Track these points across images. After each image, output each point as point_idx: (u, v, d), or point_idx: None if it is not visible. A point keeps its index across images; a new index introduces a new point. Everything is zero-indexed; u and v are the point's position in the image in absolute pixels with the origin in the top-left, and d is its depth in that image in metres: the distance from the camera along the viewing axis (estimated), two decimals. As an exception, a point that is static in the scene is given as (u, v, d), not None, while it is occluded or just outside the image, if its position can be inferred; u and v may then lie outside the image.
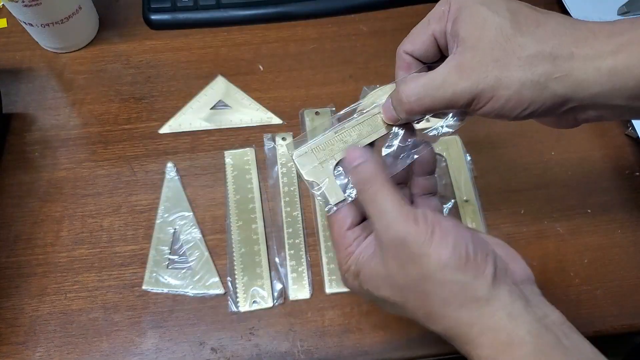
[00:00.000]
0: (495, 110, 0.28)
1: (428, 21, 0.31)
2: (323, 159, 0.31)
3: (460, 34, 0.28)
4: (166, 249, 0.44)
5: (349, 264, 0.29)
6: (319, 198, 0.31)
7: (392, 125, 0.32)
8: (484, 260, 0.25)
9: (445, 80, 0.28)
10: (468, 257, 0.25)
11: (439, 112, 0.30)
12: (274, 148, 0.49)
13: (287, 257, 0.43)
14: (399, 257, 0.26)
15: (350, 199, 0.30)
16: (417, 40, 0.31)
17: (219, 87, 0.52)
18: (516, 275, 0.26)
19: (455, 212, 0.46)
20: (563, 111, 0.28)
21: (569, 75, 0.26)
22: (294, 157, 0.31)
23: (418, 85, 0.29)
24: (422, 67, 0.32)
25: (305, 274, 0.43)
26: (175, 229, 0.45)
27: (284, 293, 0.42)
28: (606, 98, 0.26)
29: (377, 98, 0.33)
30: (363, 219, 0.30)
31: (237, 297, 0.42)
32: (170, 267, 0.43)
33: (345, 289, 0.41)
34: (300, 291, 0.42)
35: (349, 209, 0.30)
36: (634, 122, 0.48)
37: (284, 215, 0.45)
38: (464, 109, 0.29)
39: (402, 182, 0.34)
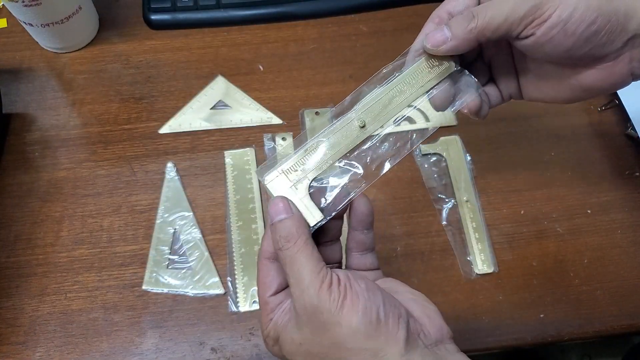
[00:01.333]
0: (562, 22, 0.26)
1: None
2: (296, 180, 0.29)
3: None
4: (166, 249, 0.44)
5: (269, 329, 0.28)
6: None
7: (366, 139, 0.30)
8: (396, 324, 0.25)
9: None
10: (379, 322, 0.24)
11: (498, 38, 0.28)
12: (274, 148, 0.49)
13: (287, 257, 0.43)
14: (313, 324, 0.25)
15: (328, 218, 0.29)
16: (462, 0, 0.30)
17: (219, 87, 0.52)
18: (431, 336, 0.26)
19: (455, 212, 0.46)
20: (622, 44, 0.27)
21: None
22: (265, 183, 0.30)
23: (484, 5, 0.28)
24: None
25: (305, 274, 0.43)
26: (175, 229, 0.45)
27: (284, 293, 0.42)
28: None
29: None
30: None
31: (237, 297, 0.42)
32: (170, 267, 0.43)
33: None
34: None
35: (276, 273, 0.28)
36: (634, 122, 0.48)
37: (284, 215, 0.45)
38: (525, 28, 0.27)
39: (335, 236, 0.31)
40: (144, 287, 0.42)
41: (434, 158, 0.48)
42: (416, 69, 0.31)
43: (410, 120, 0.31)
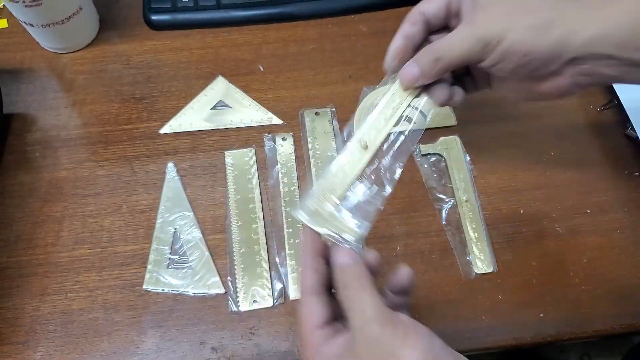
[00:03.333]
0: (503, 54, 0.32)
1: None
2: (321, 202, 0.32)
3: None
4: (167, 248, 0.44)
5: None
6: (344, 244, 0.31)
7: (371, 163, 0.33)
8: None
9: (462, 36, 0.33)
10: None
11: (458, 68, 0.34)
12: (274, 148, 0.49)
13: (287, 257, 0.44)
14: (372, 354, 0.26)
15: (363, 231, 0.31)
16: (434, 1, 0.35)
17: (219, 87, 0.52)
18: None
19: (454, 212, 0.46)
20: (560, 65, 0.32)
21: (567, 22, 0.31)
22: (315, 227, 0.31)
23: (444, 44, 0.33)
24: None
25: (305, 274, 0.43)
26: (175, 228, 0.45)
27: (284, 293, 0.42)
28: (597, 46, 0.30)
29: (377, 98, 0.33)
30: (333, 317, 0.30)
31: (237, 297, 0.42)
32: (170, 266, 0.43)
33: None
34: (300, 291, 0.42)
35: (321, 306, 0.30)
36: (634, 122, 0.48)
37: (284, 215, 0.45)
38: (478, 59, 0.33)
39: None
40: (144, 287, 0.43)
41: (434, 158, 0.49)
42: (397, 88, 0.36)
43: (408, 120, 0.35)
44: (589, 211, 0.46)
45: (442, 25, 0.36)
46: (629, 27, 0.30)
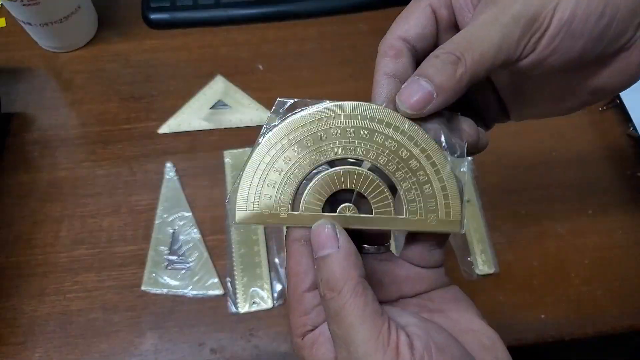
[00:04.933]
0: (565, 25, 0.21)
1: None
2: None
3: None
4: (165, 249, 0.44)
5: (305, 340, 0.22)
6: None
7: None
8: None
9: (486, 20, 0.21)
10: None
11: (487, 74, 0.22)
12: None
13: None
14: None
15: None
16: (411, 18, 0.25)
17: (218, 86, 0.52)
18: None
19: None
20: (632, 34, 0.22)
21: None
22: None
23: (464, 38, 0.22)
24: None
25: (305, 275, 0.43)
26: (174, 229, 0.45)
27: (283, 294, 0.42)
28: None
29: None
30: None
31: (236, 298, 0.42)
32: (169, 267, 0.43)
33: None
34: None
35: (312, 260, 0.22)
36: (636, 122, 0.48)
37: (283, 215, 0.45)
38: (516, 54, 0.22)
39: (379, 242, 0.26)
40: (143, 288, 0.42)
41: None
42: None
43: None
44: (590, 211, 0.46)
45: (431, 48, 0.25)
46: None
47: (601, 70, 0.24)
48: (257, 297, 0.42)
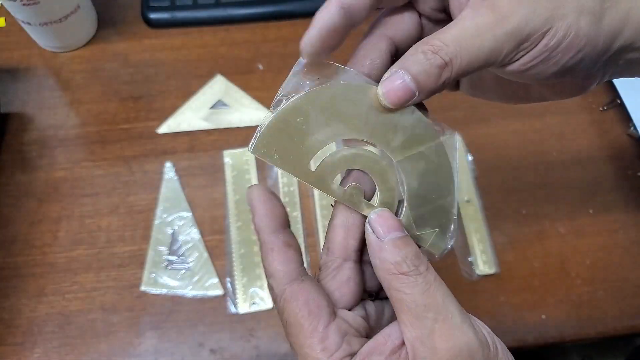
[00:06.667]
0: (548, 52, 0.22)
1: (379, 26, 0.26)
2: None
3: None
4: (165, 249, 0.44)
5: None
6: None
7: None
8: None
9: (480, 26, 0.21)
10: None
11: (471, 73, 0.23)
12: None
13: (287, 258, 0.43)
14: None
15: None
16: (369, 56, 0.26)
17: (218, 86, 0.52)
18: None
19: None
20: (598, 67, 0.24)
21: (618, 2, 0.22)
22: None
23: (453, 39, 0.22)
24: None
25: (304, 275, 0.42)
26: (174, 229, 0.44)
27: (283, 294, 0.42)
28: None
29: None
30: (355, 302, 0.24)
31: (236, 298, 0.42)
32: (169, 267, 0.43)
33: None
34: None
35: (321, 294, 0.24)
36: (636, 122, 0.48)
37: (283, 215, 0.45)
38: (504, 61, 0.22)
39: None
40: (142, 288, 0.42)
41: (435, 158, 0.48)
42: None
43: None
44: (591, 211, 0.46)
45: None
46: None
47: (551, 88, 0.26)
48: (256, 297, 0.41)
